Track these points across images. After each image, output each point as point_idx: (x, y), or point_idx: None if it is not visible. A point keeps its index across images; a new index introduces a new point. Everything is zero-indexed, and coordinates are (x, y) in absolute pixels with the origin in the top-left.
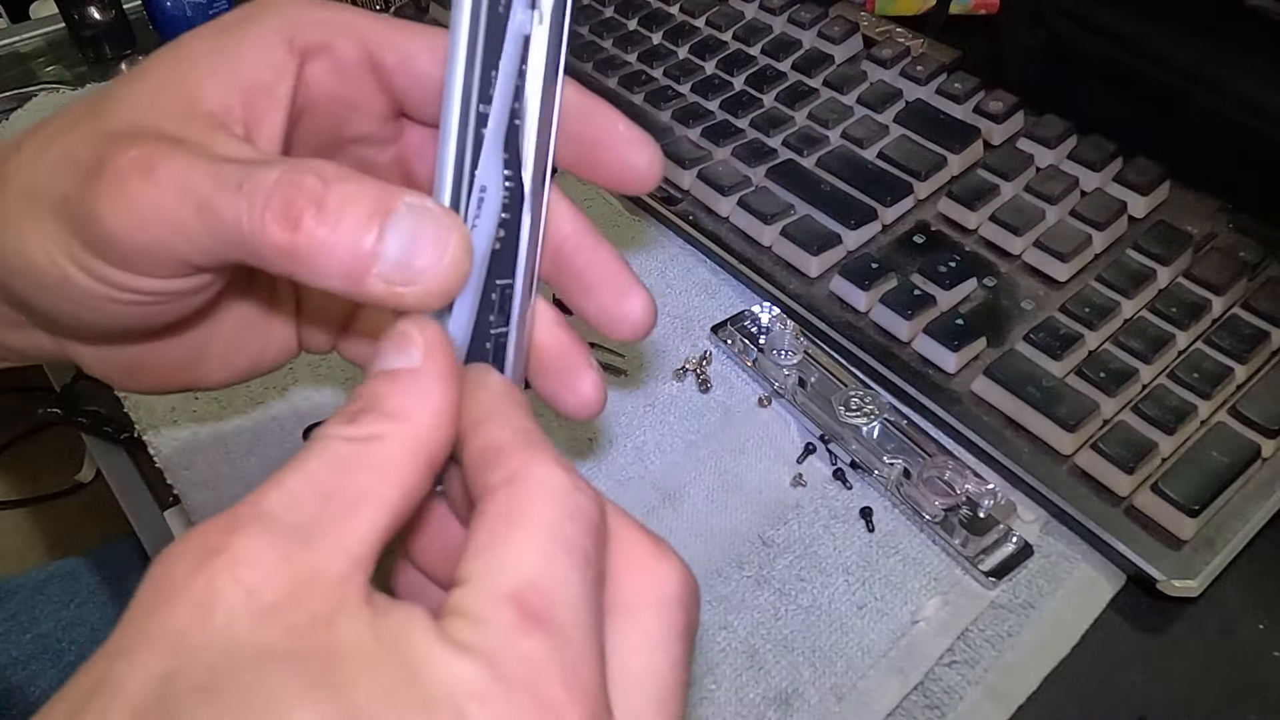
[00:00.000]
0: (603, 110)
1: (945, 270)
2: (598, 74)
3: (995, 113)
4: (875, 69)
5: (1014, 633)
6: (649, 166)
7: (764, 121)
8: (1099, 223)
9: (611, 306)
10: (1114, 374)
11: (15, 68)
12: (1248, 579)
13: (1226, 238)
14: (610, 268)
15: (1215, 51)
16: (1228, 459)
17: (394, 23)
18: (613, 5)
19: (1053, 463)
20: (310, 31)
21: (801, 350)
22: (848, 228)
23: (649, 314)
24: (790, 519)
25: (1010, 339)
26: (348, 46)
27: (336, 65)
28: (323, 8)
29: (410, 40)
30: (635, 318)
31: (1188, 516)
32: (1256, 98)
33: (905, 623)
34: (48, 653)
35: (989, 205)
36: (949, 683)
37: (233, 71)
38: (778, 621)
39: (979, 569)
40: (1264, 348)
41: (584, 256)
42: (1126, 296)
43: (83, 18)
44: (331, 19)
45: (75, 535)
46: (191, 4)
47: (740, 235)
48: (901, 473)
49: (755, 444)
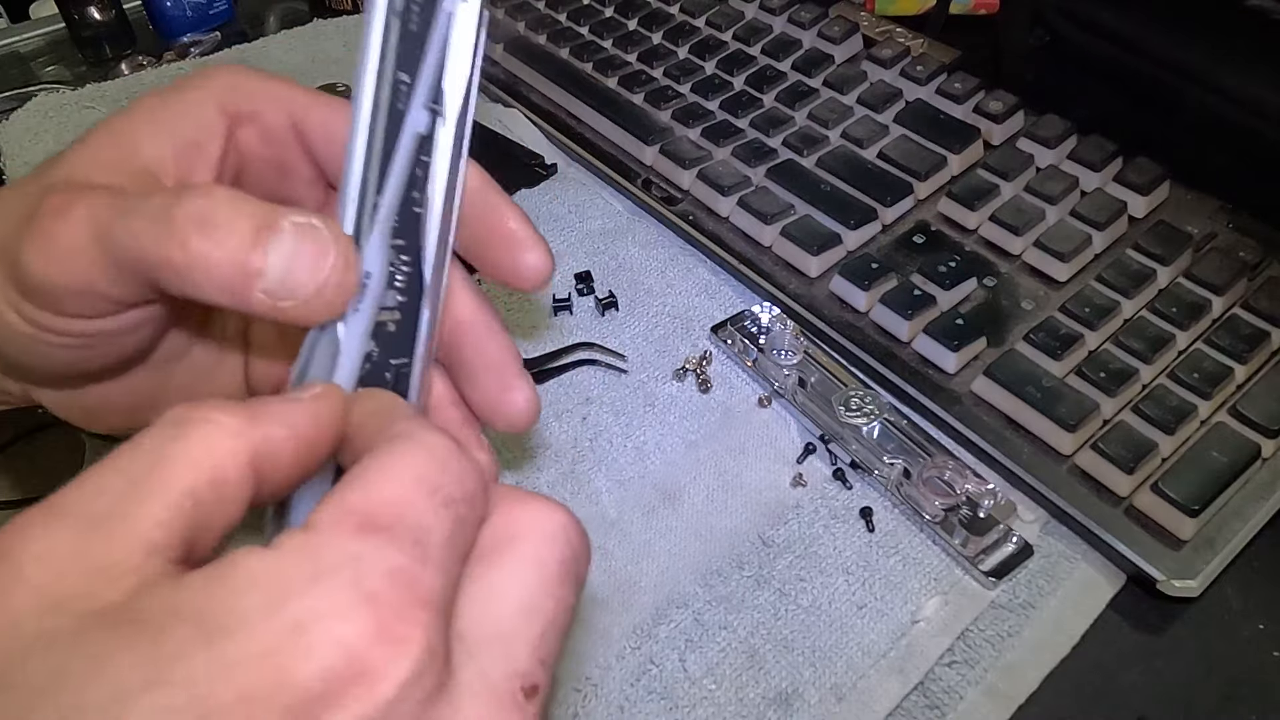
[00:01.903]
0: (500, 206)
1: (945, 270)
2: (598, 74)
3: (995, 113)
4: (875, 69)
5: (1014, 633)
6: (537, 270)
7: (764, 121)
8: (1099, 223)
9: (494, 398)
10: (1114, 374)
11: (15, 68)
12: (1248, 579)
13: (1226, 238)
14: (499, 359)
15: (1215, 51)
16: (1228, 459)
17: (319, 96)
18: (613, 5)
19: (1053, 463)
20: (242, 99)
21: (801, 350)
22: (848, 228)
23: (530, 409)
24: (790, 519)
25: (1010, 339)
26: (276, 115)
27: (264, 131)
28: (257, 79)
29: (333, 113)
30: (514, 411)
31: (1188, 516)
32: (1256, 98)
33: (905, 623)
34: None
35: (989, 205)
36: (949, 683)
37: (169, 130)
38: (778, 621)
39: (979, 569)
40: (1264, 348)
41: (474, 345)
42: (1126, 296)
43: (83, 18)
44: (262, 89)
45: None
46: (191, 4)
47: (740, 235)
48: (901, 473)
49: (755, 444)
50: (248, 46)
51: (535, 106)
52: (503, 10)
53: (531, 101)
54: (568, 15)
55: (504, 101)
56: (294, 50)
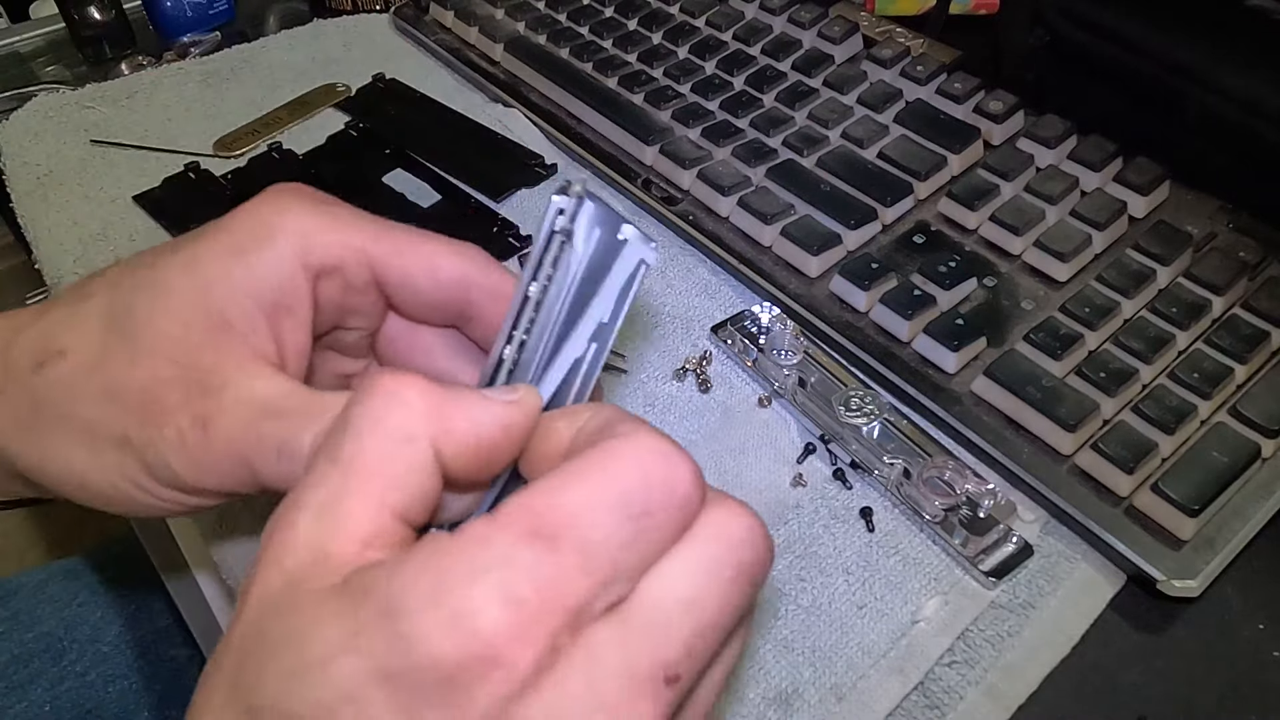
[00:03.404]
0: None
1: (945, 270)
2: (598, 74)
3: (995, 113)
4: (875, 69)
5: (1014, 633)
6: None
7: (764, 121)
8: (1099, 223)
9: None
10: (1114, 374)
11: (15, 68)
12: (1248, 579)
13: (1226, 238)
14: None
15: (1215, 51)
16: (1228, 459)
17: (395, 241)
18: (613, 5)
19: (1053, 463)
20: (322, 254)
21: (801, 350)
22: (848, 228)
23: None
24: (790, 519)
25: (1010, 339)
26: (357, 269)
27: (346, 284)
28: (333, 225)
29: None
30: None
31: (1188, 516)
32: (1256, 98)
33: (905, 623)
34: (49, 652)
35: (989, 205)
36: (949, 683)
37: (255, 296)
38: (778, 621)
39: (979, 569)
40: (1264, 348)
41: None
42: (1126, 296)
43: (83, 18)
44: (341, 241)
45: (75, 535)
46: (191, 4)
47: (740, 235)
48: (901, 473)
49: (755, 444)
50: (248, 46)
51: (535, 106)
52: (502, 10)
53: (531, 101)
54: (568, 15)
55: (504, 101)
56: (294, 50)
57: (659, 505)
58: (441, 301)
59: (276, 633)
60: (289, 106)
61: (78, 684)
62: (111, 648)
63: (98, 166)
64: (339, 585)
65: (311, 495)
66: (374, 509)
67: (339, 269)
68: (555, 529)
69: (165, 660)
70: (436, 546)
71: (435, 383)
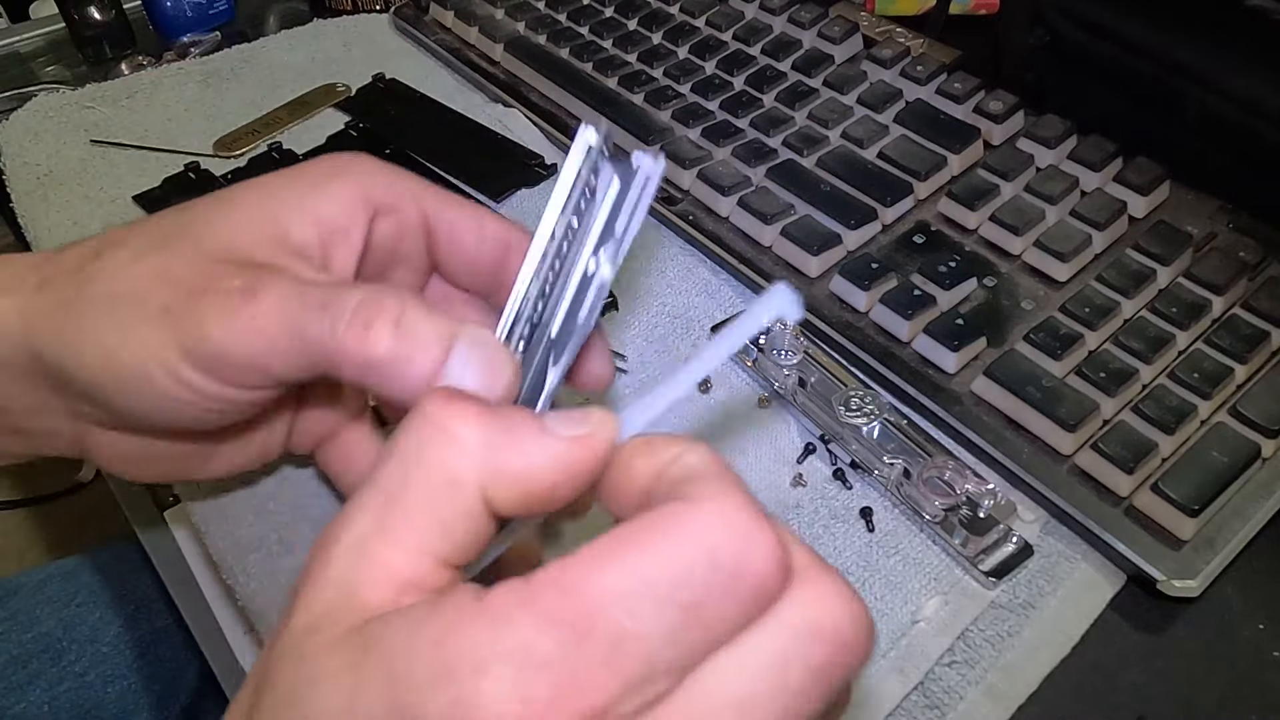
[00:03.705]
0: None
1: (945, 270)
2: (598, 74)
3: (995, 113)
4: (875, 69)
5: (1014, 633)
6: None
7: (764, 121)
8: (1099, 223)
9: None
10: (1114, 374)
11: (15, 68)
12: (1248, 579)
13: (1226, 238)
14: None
15: (1215, 51)
16: (1228, 459)
17: (448, 197)
18: (613, 5)
19: (1053, 463)
20: (384, 193)
21: (801, 350)
22: (848, 228)
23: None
24: (790, 519)
25: (1010, 339)
26: (412, 211)
27: (400, 225)
28: (395, 174)
29: (460, 217)
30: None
31: (1188, 516)
32: (1256, 98)
33: (905, 623)
34: (48, 652)
35: (989, 205)
36: (949, 683)
37: (317, 216)
38: None
39: (979, 569)
40: (1264, 348)
41: None
42: (1126, 296)
43: (83, 18)
44: (402, 186)
45: (75, 535)
46: (191, 4)
47: (740, 235)
48: (901, 473)
49: (755, 444)
50: (248, 46)
51: (535, 106)
52: (502, 10)
53: (531, 101)
54: (568, 15)
55: (504, 101)
56: (294, 50)
57: (720, 593)
58: (482, 261)
59: (286, 683)
60: (289, 106)
61: (77, 684)
62: (110, 648)
63: (98, 166)
64: (355, 630)
65: (352, 528)
66: (414, 555)
67: (395, 210)
68: (587, 615)
69: (165, 660)
70: (459, 614)
71: (492, 413)
